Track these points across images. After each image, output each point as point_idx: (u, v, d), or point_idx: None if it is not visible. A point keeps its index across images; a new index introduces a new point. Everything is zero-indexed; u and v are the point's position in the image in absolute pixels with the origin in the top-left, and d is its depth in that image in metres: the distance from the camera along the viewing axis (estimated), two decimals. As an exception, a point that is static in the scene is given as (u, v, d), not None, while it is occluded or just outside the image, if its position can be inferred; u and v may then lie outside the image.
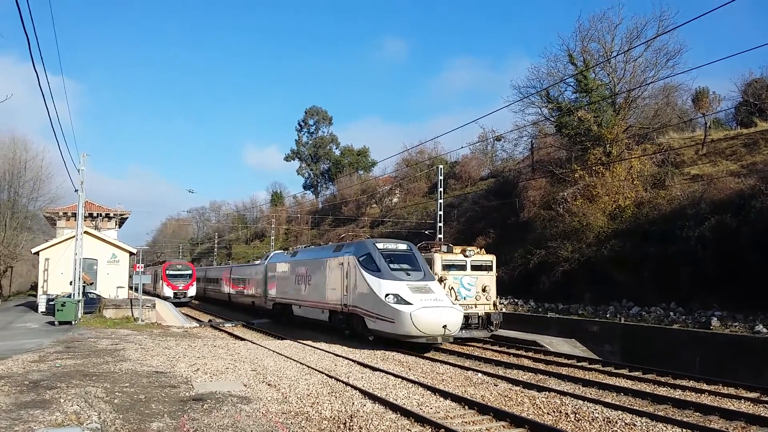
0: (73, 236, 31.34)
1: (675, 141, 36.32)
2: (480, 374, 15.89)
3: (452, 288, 22.83)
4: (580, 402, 12.20)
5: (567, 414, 11.37)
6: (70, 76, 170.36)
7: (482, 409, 11.70)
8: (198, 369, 15.63)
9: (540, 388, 13.79)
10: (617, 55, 34.99)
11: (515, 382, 14.74)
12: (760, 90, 36.58)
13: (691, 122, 39.68)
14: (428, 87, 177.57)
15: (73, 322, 26.12)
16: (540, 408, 11.92)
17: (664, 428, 10.38)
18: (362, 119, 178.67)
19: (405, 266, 21.30)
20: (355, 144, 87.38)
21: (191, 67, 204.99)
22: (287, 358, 18.50)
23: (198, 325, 32.96)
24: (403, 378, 14.89)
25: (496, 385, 14.30)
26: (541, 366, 18.06)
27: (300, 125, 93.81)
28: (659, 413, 11.39)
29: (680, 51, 34.19)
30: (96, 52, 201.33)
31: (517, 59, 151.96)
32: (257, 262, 42.85)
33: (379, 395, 12.63)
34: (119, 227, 48.68)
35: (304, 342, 22.86)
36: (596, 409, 11.51)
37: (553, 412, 11.62)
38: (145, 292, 33.29)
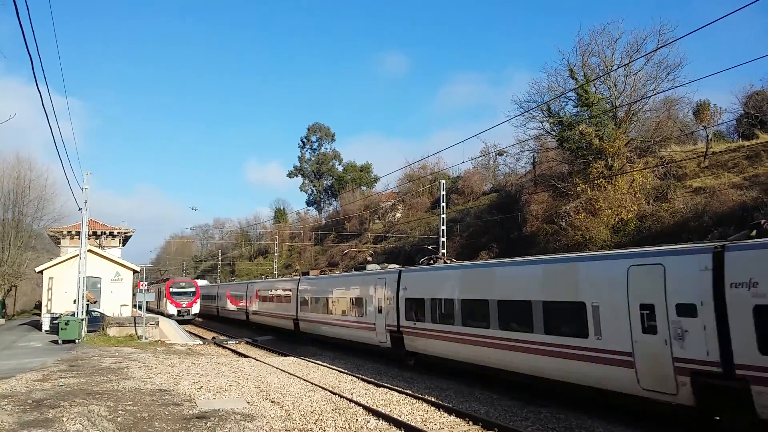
0: (77, 255, 31.43)
1: (677, 154, 36.32)
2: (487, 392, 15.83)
3: None
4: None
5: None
6: (76, 96, 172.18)
7: (487, 424, 11.61)
8: (201, 386, 15.60)
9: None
10: (617, 68, 35.11)
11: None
12: (761, 102, 36.68)
13: (692, 135, 39.70)
14: (429, 102, 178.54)
15: (77, 341, 26.10)
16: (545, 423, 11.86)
17: None
18: (364, 135, 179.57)
19: None
20: (357, 160, 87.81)
21: (193, 85, 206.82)
22: (291, 375, 18.45)
23: (201, 342, 32.89)
24: (406, 394, 14.82)
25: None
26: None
27: (303, 141, 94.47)
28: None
29: (680, 64, 34.23)
30: (101, 73, 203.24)
31: (517, 73, 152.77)
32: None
33: (383, 411, 12.57)
34: (123, 245, 48.75)
35: (308, 359, 22.78)
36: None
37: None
38: (148, 310, 33.27)
